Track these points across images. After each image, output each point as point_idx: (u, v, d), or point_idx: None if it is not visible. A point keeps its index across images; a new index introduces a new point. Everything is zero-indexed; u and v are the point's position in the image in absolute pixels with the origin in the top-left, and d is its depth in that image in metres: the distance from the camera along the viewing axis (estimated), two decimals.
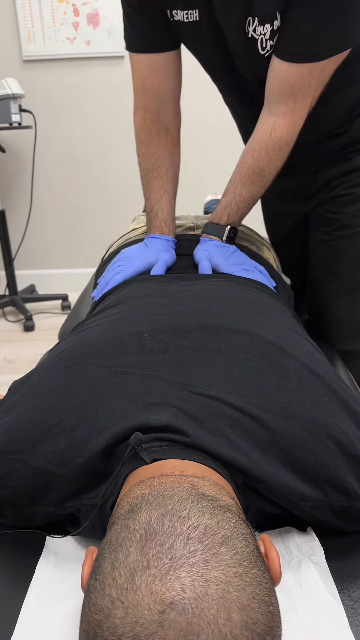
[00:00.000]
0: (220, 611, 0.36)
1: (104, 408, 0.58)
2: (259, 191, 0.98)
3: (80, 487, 0.58)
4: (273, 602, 0.40)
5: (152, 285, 0.87)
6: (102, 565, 0.41)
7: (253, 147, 0.95)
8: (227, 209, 1.00)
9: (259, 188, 0.97)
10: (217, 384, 0.59)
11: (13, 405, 0.64)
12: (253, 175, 0.96)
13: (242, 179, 0.97)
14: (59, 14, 2.51)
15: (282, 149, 0.92)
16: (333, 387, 0.62)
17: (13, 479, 0.59)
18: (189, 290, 0.81)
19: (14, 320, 2.66)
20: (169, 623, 0.35)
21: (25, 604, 0.54)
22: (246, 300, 0.79)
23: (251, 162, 0.95)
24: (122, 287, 0.94)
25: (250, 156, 0.95)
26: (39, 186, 2.78)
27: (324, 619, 0.51)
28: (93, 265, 2.85)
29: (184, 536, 0.40)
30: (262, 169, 0.94)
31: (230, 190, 0.99)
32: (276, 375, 0.60)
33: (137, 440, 0.53)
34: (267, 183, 0.97)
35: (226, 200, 1.00)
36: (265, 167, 0.94)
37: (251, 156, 0.95)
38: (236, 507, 0.49)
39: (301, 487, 0.55)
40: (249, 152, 0.96)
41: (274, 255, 1.19)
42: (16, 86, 2.27)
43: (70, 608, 0.53)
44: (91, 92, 2.65)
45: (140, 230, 1.18)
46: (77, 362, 0.64)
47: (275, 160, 0.93)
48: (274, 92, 0.89)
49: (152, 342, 0.65)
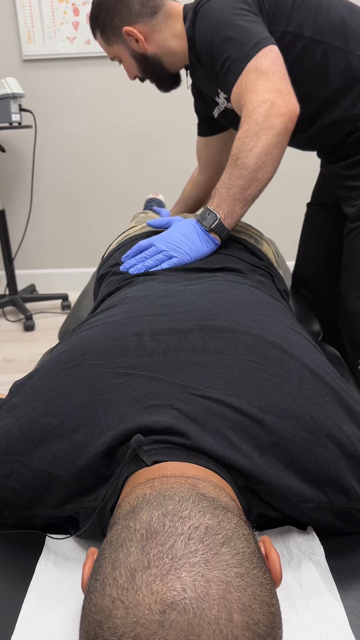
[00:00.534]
0: (222, 611, 0.36)
1: (105, 410, 0.58)
2: (235, 168, 0.98)
3: (80, 489, 0.58)
4: (274, 603, 0.40)
5: (152, 286, 0.87)
6: (103, 565, 0.41)
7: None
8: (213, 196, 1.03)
9: (232, 165, 0.98)
10: (217, 386, 0.59)
11: (14, 406, 0.64)
12: (230, 161, 1.00)
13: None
14: (59, 14, 2.50)
15: (241, 127, 0.97)
16: (334, 387, 0.62)
17: (13, 481, 0.59)
18: (190, 291, 0.81)
19: (14, 319, 2.66)
20: (169, 623, 0.35)
21: (26, 603, 0.54)
22: (247, 300, 0.79)
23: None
24: (123, 287, 0.94)
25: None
26: (39, 186, 2.78)
27: (324, 618, 0.51)
28: (93, 265, 2.86)
29: (185, 536, 0.40)
30: (232, 149, 0.99)
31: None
32: (277, 376, 0.60)
33: (138, 442, 0.53)
34: (240, 158, 0.97)
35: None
36: (233, 147, 0.98)
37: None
38: (237, 508, 0.49)
39: (302, 488, 0.55)
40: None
41: (274, 250, 1.20)
42: (16, 86, 2.27)
43: (70, 607, 0.53)
44: (91, 92, 2.65)
45: (139, 227, 1.19)
46: (78, 363, 0.64)
47: (238, 137, 0.97)
48: (239, 111, 1.01)
49: (152, 344, 0.65)
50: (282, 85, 0.96)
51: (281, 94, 0.95)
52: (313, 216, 1.45)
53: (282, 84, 0.96)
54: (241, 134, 0.96)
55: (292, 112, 0.95)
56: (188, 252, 0.98)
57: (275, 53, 0.99)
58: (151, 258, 0.99)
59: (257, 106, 0.94)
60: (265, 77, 0.96)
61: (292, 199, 2.71)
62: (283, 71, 0.98)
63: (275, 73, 0.96)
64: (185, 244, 0.99)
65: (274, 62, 0.97)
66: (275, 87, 0.95)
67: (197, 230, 1.00)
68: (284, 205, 2.59)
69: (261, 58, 0.97)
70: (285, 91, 0.96)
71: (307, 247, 1.48)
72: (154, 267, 0.97)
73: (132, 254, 1.03)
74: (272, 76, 0.96)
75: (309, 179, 1.43)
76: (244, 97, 0.97)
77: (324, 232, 1.41)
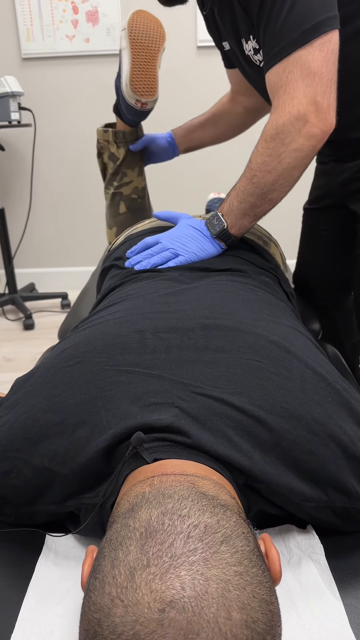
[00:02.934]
0: (220, 610, 0.36)
1: (106, 407, 0.58)
2: (250, 184, 0.95)
3: (80, 486, 0.58)
4: (273, 601, 0.40)
5: (156, 283, 0.87)
6: (102, 563, 0.41)
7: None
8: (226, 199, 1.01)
9: (248, 180, 0.95)
10: (219, 384, 0.59)
11: (15, 403, 0.64)
12: (247, 166, 0.96)
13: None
14: (58, 12, 2.50)
15: (266, 142, 0.91)
16: (336, 387, 0.61)
17: (14, 477, 0.59)
18: (193, 289, 0.81)
19: (13, 318, 2.66)
20: (168, 621, 0.35)
21: (25, 602, 0.54)
22: (250, 299, 0.79)
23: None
24: (127, 282, 0.94)
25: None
26: (38, 184, 2.77)
27: (324, 617, 0.51)
28: (92, 264, 2.86)
29: (184, 535, 0.40)
30: (251, 161, 0.94)
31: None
32: (279, 376, 0.60)
33: (139, 440, 0.53)
34: (256, 177, 0.94)
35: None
36: (253, 159, 0.94)
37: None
38: (236, 506, 0.48)
39: (302, 487, 0.55)
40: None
41: (281, 252, 1.20)
42: (15, 84, 2.26)
43: (70, 606, 0.53)
44: (90, 90, 2.64)
45: (147, 222, 1.20)
46: (79, 361, 0.63)
47: (261, 153, 0.92)
48: (271, 100, 0.92)
49: (154, 341, 0.65)
50: (324, 97, 0.85)
51: (320, 109, 0.85)
52: (315, 220, 1.35)
53: (326, 94, 0.85)
54: (264, 150, 0.90)
55: (325, 133, 0.87)
56: (195, 252, 0.98)
57: (332, 45, 0.84)
58: (157, 255, 0.98)
59: (288, 121, 0.86)
60: (310, 79, 0.84)
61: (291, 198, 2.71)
62: (332, 73, 0.85)
63: (323, 77, 0.84)
64: (192, 244, 0.99)
65: (327, 61, 0.84)
66: (316, 98, 0.85)
67: (204, 233, 1.00)
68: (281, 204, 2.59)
69: (315, 50, 0.83)
70: (325, 105, 0.85)
71: (311, 253, 1.39)
72: (159, 264, 0.97)
73: (138, 250, 1.03)
74: (319, 81, 0.84)
75: (303, 178, 1.40)
76: (280, 94, 0.88)
77: (328, 236, 1.32)
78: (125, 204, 1.41)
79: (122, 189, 1.40)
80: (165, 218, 1.10)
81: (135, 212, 1.42)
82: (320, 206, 1.32)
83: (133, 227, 1.21)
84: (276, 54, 0.87)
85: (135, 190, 1.40)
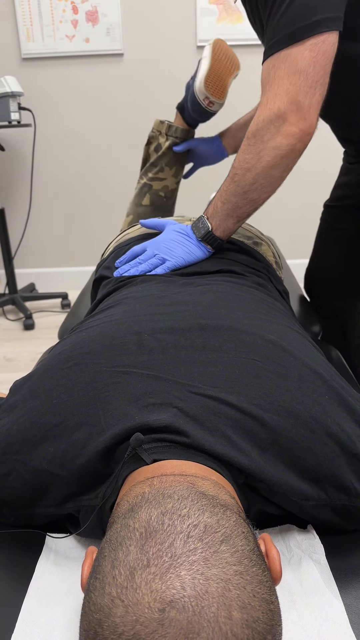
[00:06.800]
0: (221, 609, 0.36)
1: (105, 408, 0.58)
2: (232, 183, 0.94)
3: (79, 487, 0.58)
4: (273, 600, 0.40)
5: (151, 286, 0.87)
6: (102, 564, 0.41)
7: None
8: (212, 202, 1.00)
9: (230, 179, 0.94)
10: (217, 384, 0.59)
11: (13, 405, 0.64)
12: (230, 172, 0.95)
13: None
14: (58, 12, 2.50)
15: (247, 139, 0.90)
16: (333, 385, 0.62)
17: (12, 480, 0.59)
18: (189, 291, 0.81)
19: (13, 318, 2.66)
20: (169, 621, 0.35)
21: (26, 602, 0.54)
22: (246, 299, 0.79)
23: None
24: (121, 287, 0.94)
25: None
26: (38, 184, 2.78)
27: (324, 616, 0.51)
28: (92, 264, 2.86)
29: (184, 534, 0.40)
30: (235, 159, 0.93)
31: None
32: (277, 374, 0.60)
33: (138, 441, 0.53)
34: (237, 175, 0.92)
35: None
36: (236, 157, 0.93)
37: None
38: (236, 505, 0.49)
39: (302, 486, 0.56)
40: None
41: (274, 251, 1.19)
42: (15, 84, 2.26)
43: (70, 606, 0.53)
44: (90, 90, 2.64)
45: (135, 228, 1.20)
46: (77, 362, 0.64)
47: (242, 150, 0.91)
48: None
49: (152, 342, 0.65)
50: (306, 97, 0.84)
51: (300, 108, 0.84)
52: (334, 218, 1.33)
53: (308, 94, 0.84)
54: (244, 147, 0.89)
55: (304, 132, 0.86)
56: (182, 256, 0.98)
57: (326, 47, 0.83)
58: (145, 263, 0.99)
59: (267, 118, 0.86)
60: (295, 77, 0.83)
61: (291, 198, 2.71)
62: (320, 75, 0.84)
63: (309, 76, 0.83)
64: (178, 248, 0.98)
65: (316, 61, 0.83)
66: (298, 97, 0.84)
67: (190, 237, 1.00)
68: (284, 203, 2.60)
69: (306, 50, 0.83)
70: (306, 105, 0.84)
71: (327, 250, 1.36)
72: (147, 271, 0.97)
73: (126, 259, 1.03)
74: (303, 80, 0.83)
75: (302, 176, 1.39)
76: (266, 90, 0.87)
77: (346, 235, 1.29)
78: (150, 198, 1.41)
79: (154, 182, 1.40)
80: (152, 226, 1.10)
81: (156, 209, 1.42)
82: (341, 204, 1.30)
83: (122, 234, 1.22)
84: (270, 47, 0.86)
85: (165, 189, 1.41)
